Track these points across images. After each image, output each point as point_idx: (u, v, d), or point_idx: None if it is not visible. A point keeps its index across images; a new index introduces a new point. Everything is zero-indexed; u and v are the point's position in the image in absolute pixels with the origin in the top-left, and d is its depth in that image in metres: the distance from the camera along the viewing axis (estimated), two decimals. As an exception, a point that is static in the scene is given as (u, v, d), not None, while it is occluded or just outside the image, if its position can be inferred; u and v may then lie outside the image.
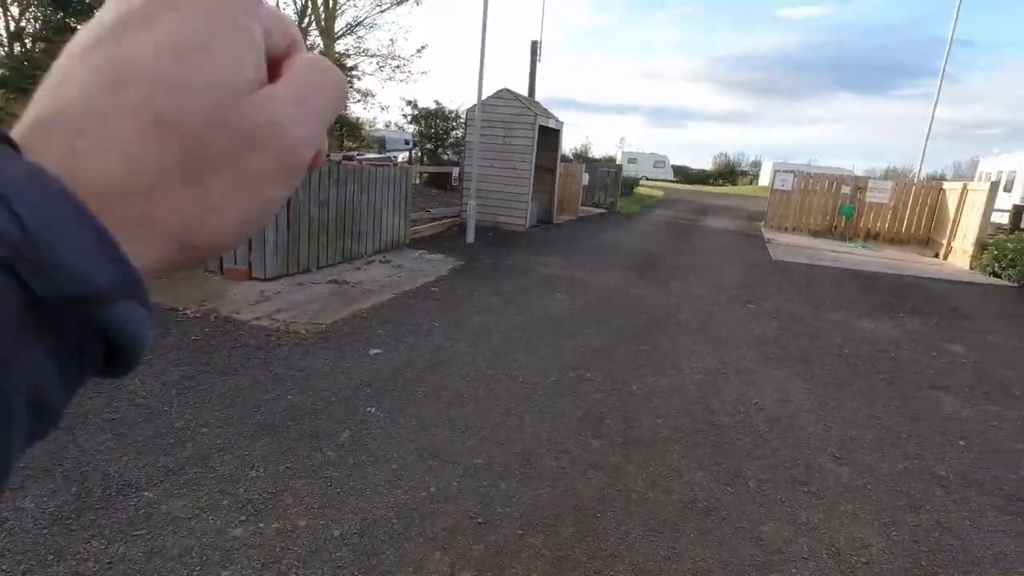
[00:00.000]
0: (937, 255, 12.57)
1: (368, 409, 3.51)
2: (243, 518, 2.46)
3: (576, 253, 9.24)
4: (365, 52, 15.07)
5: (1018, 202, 14.94)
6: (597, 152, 54.40)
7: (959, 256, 11.57)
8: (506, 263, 8.13)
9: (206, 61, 0.20)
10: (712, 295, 7.08)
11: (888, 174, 41.73)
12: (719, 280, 8.00)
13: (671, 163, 48.71)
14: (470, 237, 9.62)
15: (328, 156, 8.06)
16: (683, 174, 51.65)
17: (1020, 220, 12.76)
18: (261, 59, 0.23)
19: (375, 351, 4.47)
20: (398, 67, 15.39)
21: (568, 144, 60.63)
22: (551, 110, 12.21)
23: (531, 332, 5.19)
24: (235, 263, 5.92)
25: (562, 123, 11.74)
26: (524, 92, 15.14)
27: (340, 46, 14.82)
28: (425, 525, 2.52)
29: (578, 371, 4.39)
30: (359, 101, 17.20)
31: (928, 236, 13.66)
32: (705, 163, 61.39)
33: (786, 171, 15.56)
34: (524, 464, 3.07)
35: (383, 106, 16.96)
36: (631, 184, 25.10)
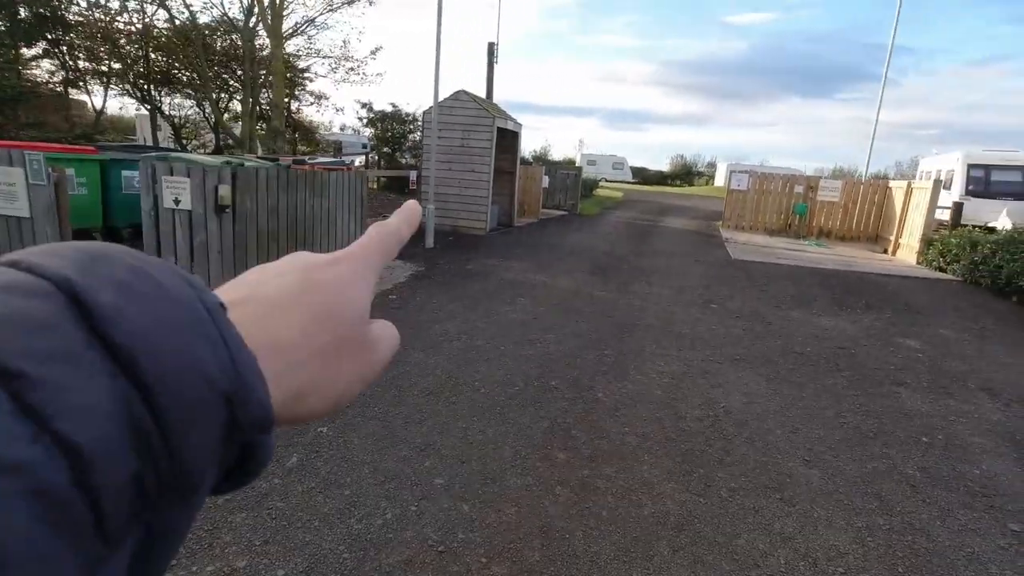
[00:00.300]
0: (886, 251, 12.99)
1: (319, 429, 3.27)
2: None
3: (537, 256, 9.13)
4: (317, 53, 14.67)
5: (957, 199, 15.61)
6: (557, 154, 54.80)
7: (906, 252, 11.97)
8: (466, 268, 7.94)
9: (355, 293, 0.30)
10: (675, 296, 7.06)
11: (835, 174, 43.33)
12: (681, 281, 8.01)
13: (630, 165, 49.41)
14: (429, 242, 9.39)
15: (276, 160, 7.71)
16: (641, 175, 52.47)
17: (960, 216, 13.29)
18: (371, 299, 0.32)
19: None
20: (352, 69, 15.00)
21: (528, 147, 60.77)
22: (510, 113, 12.10)
23: (493, 339, 5.01)
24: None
25: (521, 125, 11.63)
26: (482, 94, 14.99)
27: (291, 47, 14.38)
28: (380, 558, 2.32)
29: (542, 379, 4.23)
30: (312, 104, 16.75)
31: (877, 233, 14.12)
32: (663, 164, 62.58)
33: (742, 172, 15.87)
34: (487, 483, 2.89)
35: (337, 108, 16.47)
36: (591, 186, 25.24)
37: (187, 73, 13.00)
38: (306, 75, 16.35)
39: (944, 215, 14.01)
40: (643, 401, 3.99)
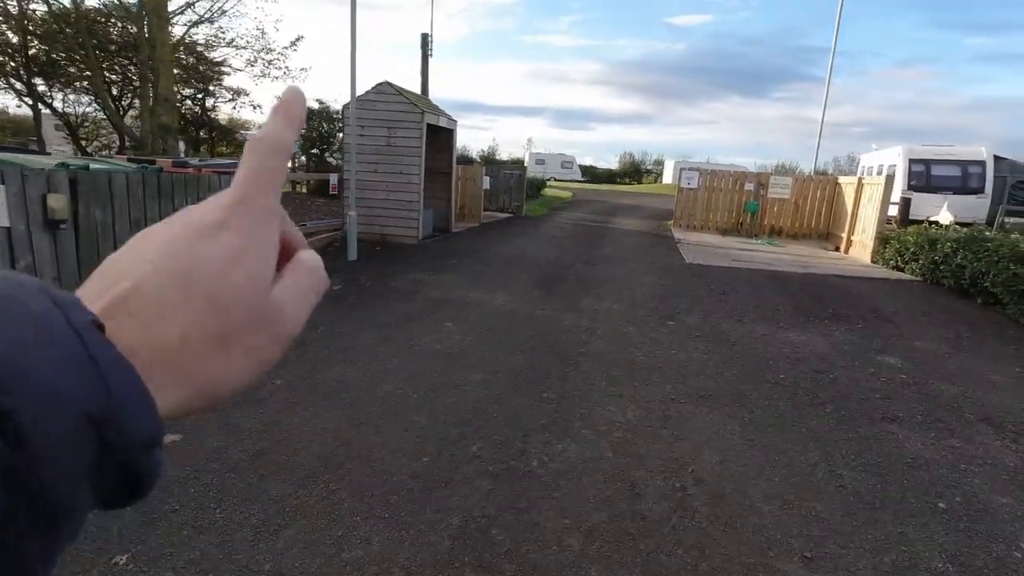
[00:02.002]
0: (837, 248, 12.65)
1: (117, 560, 2.19)
2: None
3: (474, 267, 8.13)
4: (230, 43, 13.18)
5: (901, 194, 15.57)
6: (505, 154, 53.95)
7: (859, 249, 11.62)
8: (390, 285, 6.88)
9: (248, 264, 0.27)
10: (627, 312, 6.21)
11: (779, 170, 44.18)
12: (634, 292, 7.18)
13: (579, 163, 49.06)
14: (351, 254, 8.27)
15: (150, 162, 6.41)
16: (591, 174, 52.25)
17: (909, 211, 13.10)
18: (275, 258, 0.29)
19: (172, 438, 3.12)
20: (272, 62, 13.60)
21: (476, 147, 59.75)
22: (457, 112, 11.08)
23: (404, 384, 4.00)
24: None
25: (455, 121, 10.60)
26: (419, 90, 13.89)
27: (199, 35, 12.87)
28: None
29: (460, 443, 3.25)
30: (230, 100, 15.16)
31: (827, 230, 13.82)
32: (611, 163, 62.58)
33: (691, 169, 15.35)
34: (353, 654, 1.89)
35: (255, 105, 14.89)
36: (538, 186, 24.43)
37: (77, 64, 11.36)
38: (223, 69, 14.83)
39: (892, 210, 13.85)
40: (590, 470, 3.06)
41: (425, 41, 13.60)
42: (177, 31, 12.26)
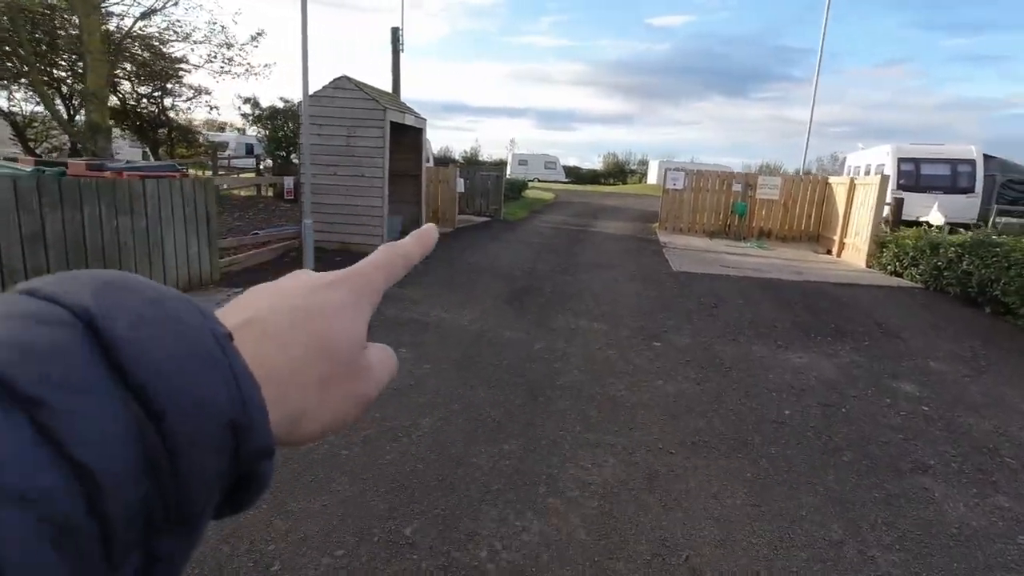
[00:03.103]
0: (829, 251, 12.12)
1: None
2: None
3: (440, 280, 7.40)
4: (186, 38, 12.25)
5: (891, 194, 15.10)
6: (489, 155, 53.22)
7: (852, 253, 11.09)
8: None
9: (350, 321, 0.30)
10: (608, 331, 5.52)
11: (763, 169, 43.96)
12: (615, 306, 6.50)
13: (563, 164, 48.43)
14: (308, 265, 7.48)
15: (60, 165, 5.58)
16: (574, 175, 51.63)
17: (901, 212, 12.60)
18: (366, 326, 0.31)
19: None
20: (232, 58, 12.69)
21: (458, 148, 58.86)
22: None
23: (335, 435, 3.27)
24: None
25: (425, 120, 9.84)
26: (389, 88, 13.12)
27: (152, 29, 11.95)
28: None
29: (390, 522, 2.53)
30: (190, 99, 14.20)
31: (818, 232, 13.29)
32: (595, 163, 61.96)
33: (677, 169, 14.74)
34: None
35: (212, 105, 13.90)
36: (519, 187, 23.72)
37: (12, 60, 10.42)
38: (182, 67, 13.91)
39: (884, 211, 13.35)
40: (556, 563, 2.35)
41: (396, 36, 12.82)
42: (126, 23, 11.38)
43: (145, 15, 10.88)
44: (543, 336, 5.24)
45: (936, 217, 14.15)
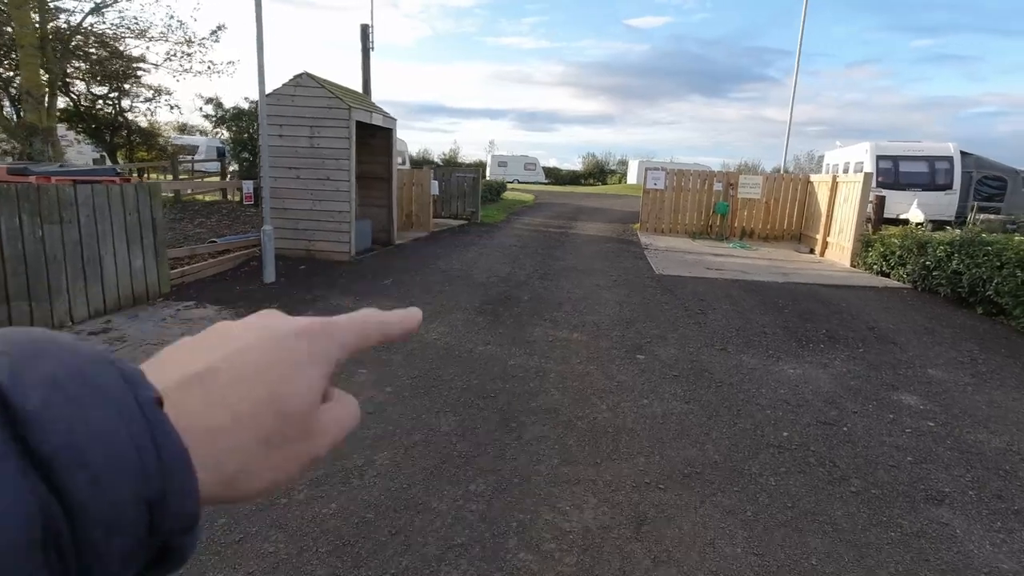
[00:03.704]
0: (812, 251, 11.91)
1: None
2: None
3: (411, 289, 6.95)
4: (143, 34, 11.58)
5: (871, 191, 14.99)
6: (468, 157, 52.71)
7: (836, 252, 10.88)
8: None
9: (305, 381, 0.28)
10: (589, 343, 5.14)
11: (743, 169, 44.15)
12: (596, 315, 6.12)
13: (543, 165, 48.12)
14: (268, 276, 7.00)
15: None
16: (554, 175, 51.35)
17: (883, 210, 12.45)
18: (325, 385, 0.30)
19: None
20: (190, 55, 12.08)
21: (438, 150, 58.25)
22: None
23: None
24: None
25: (395, 120, 9.38)
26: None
27: (104, 26, 11.27)
28: None
29: (330, 598, 2.10)
30: (149, 100, 13.50)
31: (800, 231, 13.09)
32: (575, 164, 61.73)
33: (657, 169, 14.45)
34: None
35: (172, 105, 13.21)
36: (498, 189, 23.30)
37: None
38: (140, 67, 13.24)
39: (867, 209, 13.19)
40: (527, 645, 1.95)
41: (365, 33, 12.31)
42: (76, 19, 10.73)
43: (95, 10, 10.23)
44: (518, 350, 4.83)
45: (916, 214, 14.07)
